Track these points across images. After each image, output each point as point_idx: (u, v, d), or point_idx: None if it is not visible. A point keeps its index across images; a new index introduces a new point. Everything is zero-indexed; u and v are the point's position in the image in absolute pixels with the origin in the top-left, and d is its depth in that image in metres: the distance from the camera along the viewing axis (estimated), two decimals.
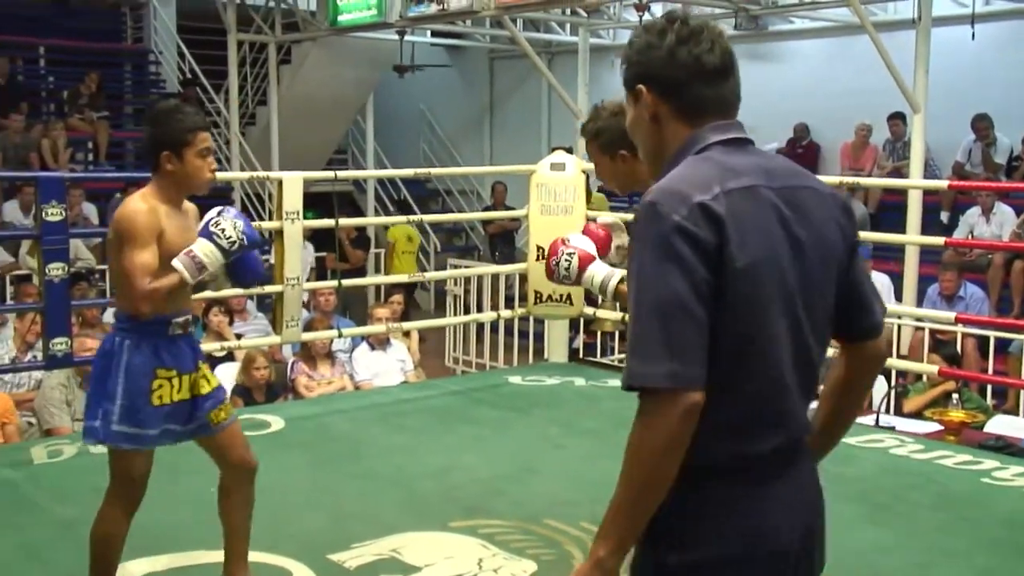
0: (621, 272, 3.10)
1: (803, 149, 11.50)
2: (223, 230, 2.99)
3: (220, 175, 11.47)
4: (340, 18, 10.84)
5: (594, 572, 1.67)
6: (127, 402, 2.97)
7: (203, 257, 2.95)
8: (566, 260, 3.14)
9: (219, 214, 3.04)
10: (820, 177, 2.06)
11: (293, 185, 5.49)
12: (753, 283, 1.67)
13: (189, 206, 3.19)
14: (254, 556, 3.44)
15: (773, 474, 1.75)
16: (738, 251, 1.65)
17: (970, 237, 8.96)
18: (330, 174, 6.03)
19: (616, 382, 4.68)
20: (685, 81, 1.77)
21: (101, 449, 3.19)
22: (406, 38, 12.06)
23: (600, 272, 3.12)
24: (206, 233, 2.99)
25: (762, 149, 1.84)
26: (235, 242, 3.00)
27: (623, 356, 3.02)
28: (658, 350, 1.61)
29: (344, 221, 6.18)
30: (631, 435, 1.64)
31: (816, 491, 1.84)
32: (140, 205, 2.95)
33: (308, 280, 8.81)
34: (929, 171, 9.61)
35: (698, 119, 1.78)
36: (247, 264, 3.20)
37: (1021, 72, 10.04)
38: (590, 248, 3.17)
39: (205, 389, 3.13)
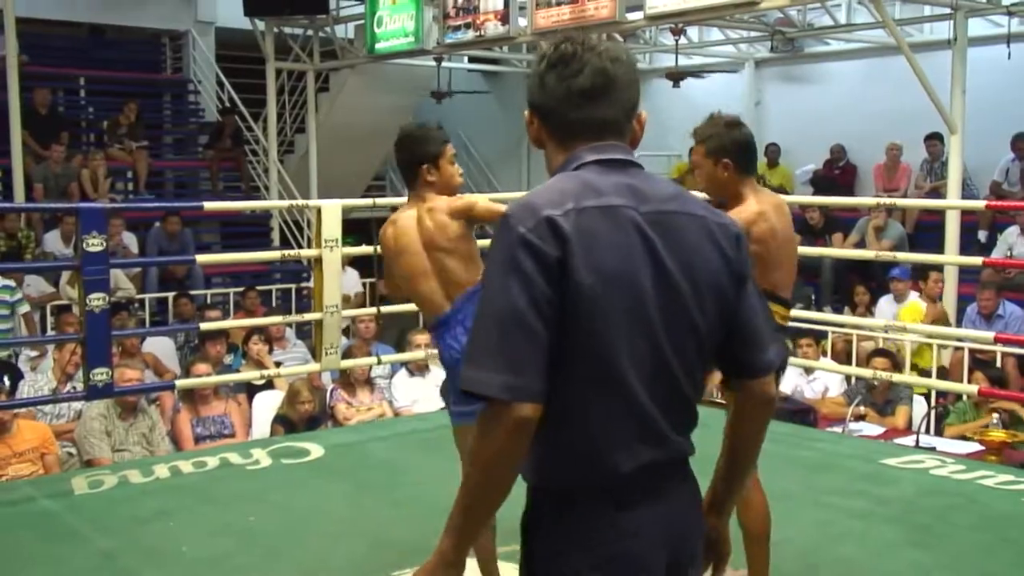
0: None
1: (840, 170, 11.48)
2: None
3: (258, 203, 11.60)
4: (378, 46, 10.97)
5: (438, 565, 1.72)
6: None
7: None
8: None
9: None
10: (857, 198, 2.03)
11: (332, 212, 5.57)
12: (599, 301, 1.66)
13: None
14: None
15: (635, 499, 1.73)
16: (582, 267, 1.64)
17: (1009, 255, 8.89)
18: (368, 201, 6.10)
19: None
20: (554, 106, 1.80)
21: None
22: (443, 64, 12.18)
23: None
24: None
25: (646, 171, 1.82)
26: None
27: None
28: (493, 361, 1.62)
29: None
30: (472, 441, 1.67)
31: (691, 520, 1.82)
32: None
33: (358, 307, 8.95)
34: (966, 191, 9.55)
35: (571, 141, 1.80)
36: None
37: None
38: None
39: None
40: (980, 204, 7.37)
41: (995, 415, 5.98)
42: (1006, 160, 9.93)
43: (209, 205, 7.99)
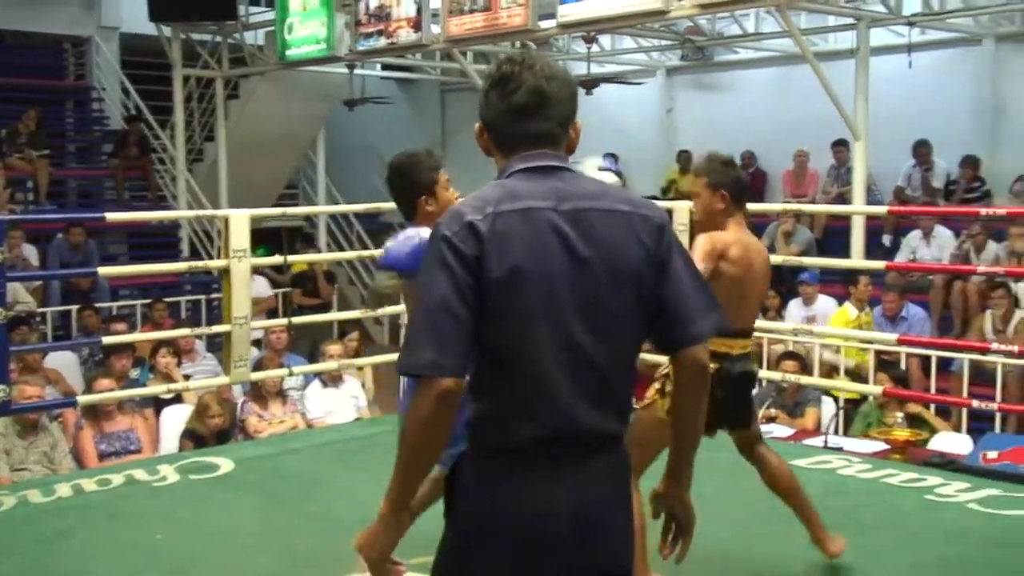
0: None
1: (750, 176, 11.65)
2: None
3: (163, 214, 11.33)
4: (289, 52, 10.83)
5: (378, 525, 1.99)
6: None
7: None
8: None
9: None
10: (766, 204, 2.26)
11: (240, 223, 5.47)
12: (511, 292, 1.92)
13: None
14: None
15: (535, 462, 1.96)
16: (496, 263, 1.91)
17: (912, 258, 9.15)
18: (278, 211, 6.00)
19: None
20: (495, 120, 2.06)
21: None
22: (356, 71, 12.08)
23: None
24: None
25: (577, 174, 2.05)
26: None
27: None
28: (424, 343, 1.90)
29: (293, 258, 6.15)
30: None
31: (601, 487, 2.00)
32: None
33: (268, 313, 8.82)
34: (871, 196, 9.80)
35: (510, 151, 2.06)
36: None
37: (956, 99, 10.30)
38: None
39: None
40: (882, 210, 7.57)
41: (899, 414, 6.12)
42: (908, 166, 10.22)
43: (111, 216, 7.74)
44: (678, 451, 2.15)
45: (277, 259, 5.65)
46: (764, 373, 6.27)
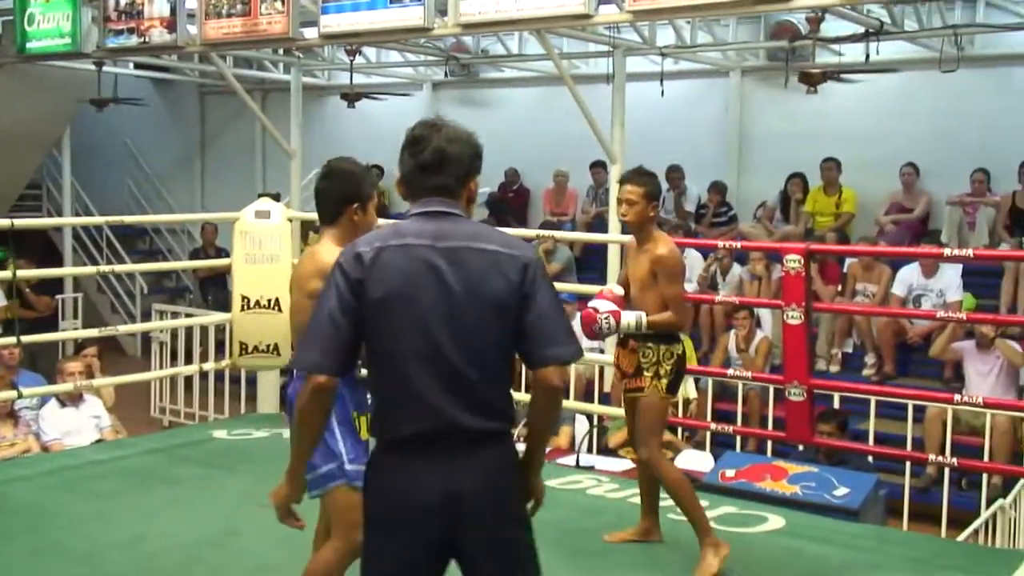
0: (642, 313, 4.08)
1: (514, 193, 11.88)
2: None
3: None
4: (29, 45, 10.06)
5: (283, 481, 2.73)
6: (348, 442, 3.15)
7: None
8: (605, 321, 4.09)
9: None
10: (521, 229, 3.62)
11: None
12: (386, 311, 2.43)
13: None
14: None
15: (415, 452, 2.43)
16: (374, 287, 2.43)
17: None
18: (6, 222, 5.50)
19: None
20: (406, 174, 2.56)
21: None
22: (107, 69, 11.41)
23: (632, 317, 4.09)
24: None
25: (461, 218, 2.54)
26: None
27: None
28: (310, 347, 2.48)
29: (23, 273, 5.70)
30: None
31: (470, 481, 2.41)
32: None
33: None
34: None
35: (415, 199, 2.55)
36: None
37: (706, 127, 10.89)
38: (613, 304, 4.13)
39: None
40: (629, 238, 7.76)
41: None
42: (662, 190, 10.68)
43: None
44: (530, 450, 2.58)
45: (5, 273, 5.19)
46: (519, 395, 6.39)
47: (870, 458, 5.97)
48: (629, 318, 4.08)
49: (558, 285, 8.04)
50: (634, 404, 4.19)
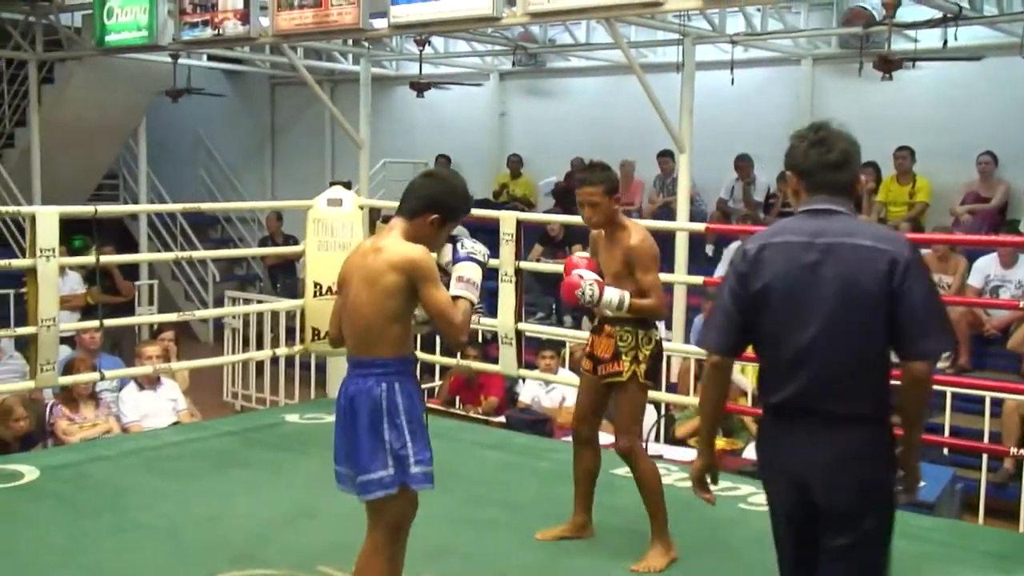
0: (626, 292, 3.96)
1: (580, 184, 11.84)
2: (479, 251, 3.19)
3: None
4: (108, 38, 10.31)
5: (696, 457, 3.01)
6: (418, 442, 3.02)
7: (477, 279, 3.14)
8: (589, 289, 3.94)
9: (461, 239, 3.22)
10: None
11: (48, 220, 5.16)
12: (765, 301, 2.69)
13: None
14: None
15: (784, 423, 2.71)
16: (755, 280, 2.70)
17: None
18: (90, 209, 5.67)
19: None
20: (810, 169, 2.72)
21: None
22: (181, 61, 11.64)
23: (615, 294, 3.97)
24: (465, 258, 3.15)
25: (843, 215, 2.70)
26: (486, 261, 3.20)
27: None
28: (710, 329, 2.85)
29: (106, 258, 5.86)
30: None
31: (827, 449, 2.64)
32: (420, 249, 3.06)
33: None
34: (695, 206, 10.12)
35: (812, 194, 2.72)
36: None
37: (775, 115, 10.74)
38: (596, 276, 4.01)
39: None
40: (700, 227, 7.73)
41: None
42: (730, 179, 10.61)
43: None
44: (904, 436, 2.74)
45: (89, 259, 5.34)
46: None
47: (945, 451, 5.86)
48: (612, 294, 3.97)
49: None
50: (609, 390, 4.09)
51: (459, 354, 6.88)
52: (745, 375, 7.26)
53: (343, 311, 3.14)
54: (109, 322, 5.91)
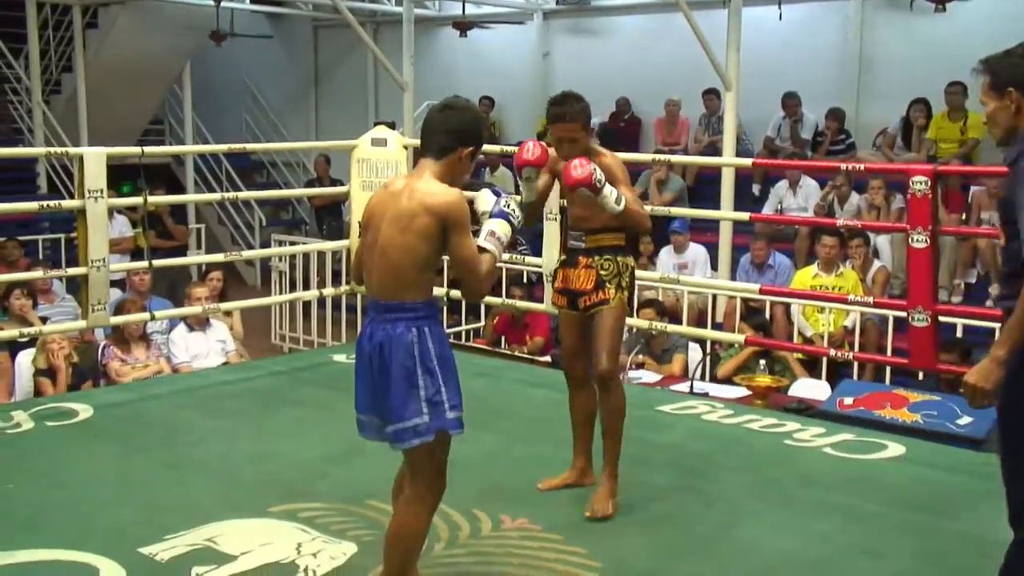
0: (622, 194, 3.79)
1: (625, 123, 11.76)
2: (516, 215, 3.14)
3: (15, 151, 10.77)
4: None
5: (991, 365, 2.67)
6: (451, 387, 2.98)
7: (506, 239, 3.10)
8: (598, 172, 3.71)
9: (505, 196, 3.19)
10: (636, 154, 2.72)
11: (95, 161, 5.21)
12: None
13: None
14: (55, 554, 3.27)
15: None
16: None
17: (779, 207, 9.40)
18: (136, 150, 5.72)
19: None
20: None
21: None
22: (224, 4, 11.63)
23: (614, 190, 3.77)
24: (501, 214, 3.10)
25: None
26: (520, 220, 3.16)
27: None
28: None
29: (153, 199, 5.91)
30: None
31: None
32: (456, 193, 2.98)
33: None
34: (741, 145, 9.99)
35: None
36: None
37: (823, 52, 10.56)
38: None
39: None
40: (747, 162, 7.66)
41: (762, 361, 6.30)
42: (777, 117, 10.44)
43: None
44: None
45: (136, 200, 5.39)
46: (632, 320, 6.37)
47: None
48: (611, 189, 3.77)
49: (672, 210, 7.94)
50: (592, 320, 3.95)
51: (505, 293, 6.89)
52: (807, 319, 7.22)
53: (367, 252, 3.05)
54: (158, 262, 5.98)
